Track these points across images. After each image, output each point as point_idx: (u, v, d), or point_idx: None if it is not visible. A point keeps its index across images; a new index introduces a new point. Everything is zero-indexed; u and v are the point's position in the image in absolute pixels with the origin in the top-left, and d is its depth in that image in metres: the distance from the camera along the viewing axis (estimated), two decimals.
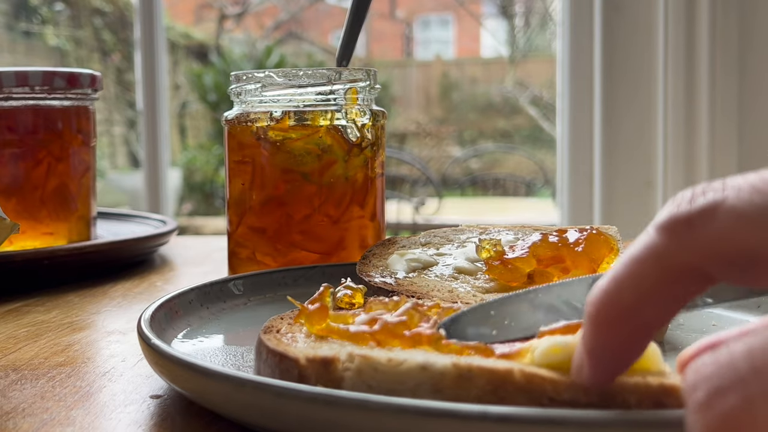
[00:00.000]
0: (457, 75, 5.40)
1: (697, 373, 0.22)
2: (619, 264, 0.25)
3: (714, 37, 1.70)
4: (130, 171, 4.48)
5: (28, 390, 0.39)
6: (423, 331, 0.33)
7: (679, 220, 0.24)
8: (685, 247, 0.24)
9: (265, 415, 0.30)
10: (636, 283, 0.25)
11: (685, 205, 0.24)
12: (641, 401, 0.28)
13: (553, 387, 0.29)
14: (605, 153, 1.80)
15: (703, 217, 0.23)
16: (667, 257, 0.24)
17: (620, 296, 0.25)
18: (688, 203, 0.24)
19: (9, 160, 0.71)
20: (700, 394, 0.21)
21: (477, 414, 0.26)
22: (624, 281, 0.25)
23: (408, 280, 0.49)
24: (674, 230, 0.24)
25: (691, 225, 0.23)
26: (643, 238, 0.25)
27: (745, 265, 0.23)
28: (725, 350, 0.22)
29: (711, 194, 0.23)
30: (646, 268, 0.24)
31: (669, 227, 0.24)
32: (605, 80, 1.78)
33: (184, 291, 0.48)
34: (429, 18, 6.31)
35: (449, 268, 0.51)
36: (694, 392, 0.22)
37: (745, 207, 0.22)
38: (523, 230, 0.56)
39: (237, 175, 0.60)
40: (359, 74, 0.59)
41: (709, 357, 0.22)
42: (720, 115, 1.71)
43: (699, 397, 0.21)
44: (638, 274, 0.25)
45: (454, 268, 0.51)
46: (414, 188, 4.44)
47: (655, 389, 0.28)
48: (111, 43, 4.53)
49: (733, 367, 0.21)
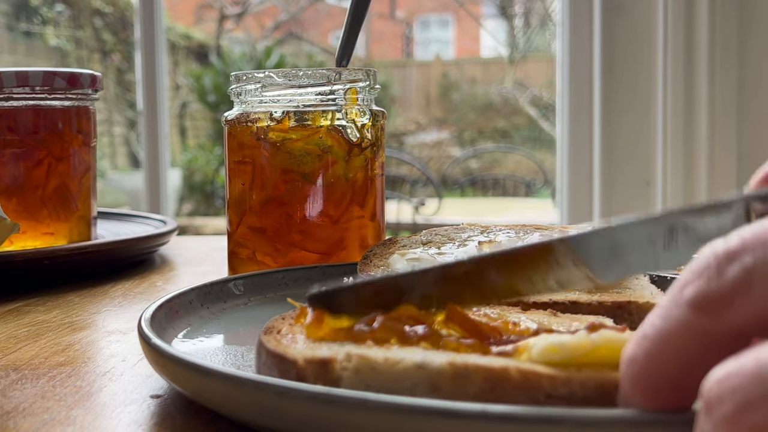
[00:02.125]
0: (456, 75, 5.40)
1: (721, 385, 0.21)
2: (655, 341, 0.25)
3: (713, 37, 1.70)
4: (130, 171, 4.48)
5: (28, 390, 0.39)
6: (421, 329, 0.33)
7: (715, 300, 0.23)
8: (728, 323, 0.23)
9: (265, 414, 0.30)
10: (679, 359, 0.24)
11: (715, 280, 0.23)
12: None
13: (550, 383, 0.29)
14: (605, 153, 1.80)
15: (740, 291, 0.23)
16: (710, 335, 0.24)
17: (664, 372, 0.25)
18: (717, 276, 0.23)
19: (9, 160, 0.71)
20: (727, 407, 0.21)
21: (477, 413, 0.26)
22: (665, 358, 0.24)
23: None
24: (713, 309, 0.23)
25: (730, 301, 0.23)
26: (675, 314, 0.24)
27: None
28: (751, 359, 0.21)
29: (737, 264, 0.23)
30: (689, 345, 0.24)
31: (706, 307, 0.23)
32: (605, 80, 1.78)
33: (184, 291, 0.48)
34: (429, 18, 6.32)
35: None
36: (720, 405, 0.21)
37: None
38: (523, 229, 0.56)
39: (237, 176, 0.61)
40: (359, 74, 0.59)
41: (733, 366, 0.21)
42: (719, 115, 1.72)
43: (726, 410, 0.21)
44: (681, 350, 0.24)
45: None
46: (414, 188, 4.44)
47: None
48: (111, 43, 4.54)
49: (760, 379, 0.20)
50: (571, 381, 0.29)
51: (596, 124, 1.81)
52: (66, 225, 0.74)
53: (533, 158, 4.84)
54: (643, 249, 0.32)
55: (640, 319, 0.43)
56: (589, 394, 0.28)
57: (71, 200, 0.74)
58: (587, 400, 0.28)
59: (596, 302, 0.44)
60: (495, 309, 0.40)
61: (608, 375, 0.29)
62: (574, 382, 0.29)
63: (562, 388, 0.29)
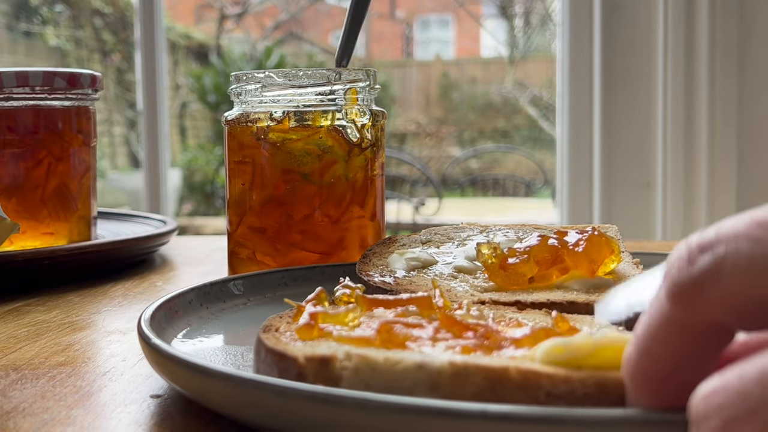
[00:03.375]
0: (456, 75, 5.40)
1: (707, 402, 0.21)
2: (642, 337, 0.25)
3: (714, 38, 1.70)
4: (130, 171, 4.48)
5: (28, 390, 0.39)
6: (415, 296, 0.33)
7: (687, 287, 0.24)
8: (700, 310, 0.24)
9: (265, 414, 0.30)
10: (667, 355, 0.25)
11: (686, 269, 0.24)
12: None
13: (550, 381, 0.29)
14: (605, 153, 1.80)
15: (709, 278, 0.23)
16: (686, 324, 0.24)
17: (657, 369, 0.25)
18: (688, 265, 0.24)
19: (9, 160, 0.71)
20: (714, 424, 0.21)
21: (477, 412, 0.26)
22: (654, 354, 0.25)
23: (407, 279, 0.49)
24: (685, 297, 0.24)
25: (700, 289, 0.23)
26: (657, 308, 0.25)
27: (757, 313, 0.23)
28: (735, 374, 0.21)
29: (709, 254, 0.23)
30: (672, 338, 0.25)
31: (679, 295, 0.24)
32: (605, 80, 1.78)
33: (184, 291, 0.48)
34: (429, 18, 6.32)
35: (449, 267, 0.51)
36: (707, 421, 0.21)
37: (747, 260, 0.22)
38: (523, 229, 0.56)
39: (237, 176, 0.61)
40: (359, 74, 0.59)
41: (718, 382, 0.21)
42: (719, 115, 1.72)
43: (714, 426, 0.21)
44: (666, 345, 0.25)
45: (453, 267, 0.51)
46: (414, 188, 4.44)
47: None
48: (111, 43, 4.54)
49: (745, 395, 0.21)
50: (570, 379, 0.29)
51: (596, 124, 1.81)
52: (66, 225, 0.74)
53: (533, 158, 4.84)
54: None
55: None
56: (589, 392, 0.29)
57: (71, 200, 0.74)
58: (588, 398, 0.29)
59: (593, 302, 0.44)
60: (492, 309, 0.41)
61: (608, 373, 0.29)
62: (574, 381, 0.29)
63: (562, 386, 0.29)
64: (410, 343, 0.33)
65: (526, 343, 0.32)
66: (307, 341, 0.34)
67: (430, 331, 0.34)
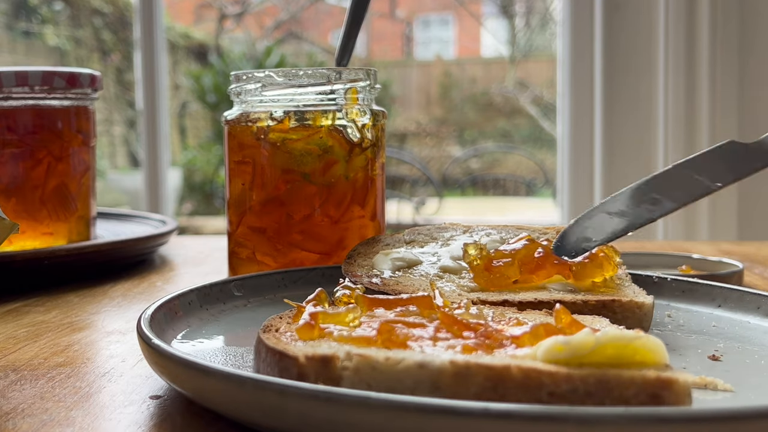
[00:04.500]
0: (457, 75, 5.40)
1: None
2: None
3: (714, 37, 1.69)
4: (130, 171, 4.48)
5: (27, 390, 0.39)
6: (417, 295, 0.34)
7: None
8: None
9: (266, 414, 0.30)
10: None
11: None
12: (638, 393, 0.28)
13: (551, 380, 0.29)
14: (605, 153, 1.80)
15: None
16: None
17: None
18: None
19: (9, 160, 0.71)
20: None
21: (479, 411, 0.26)
22: None
23: (393, 280, 0.49)
24: None
25: None
26: None
27: None
28: None
29: None
30: None
31: None
32: (605, 80, 1.78)
33: (183, 292, 0.48)
34: (429, 18, 6.31)
35: (434, 266, 0.51)
36: None
37: None
38: (506, 229, 0.56)
39: (237, 176, 0.60)
40: (359, 74, 0.59)
41: None
42: (720, 115, 1.71)
43: None
44: None
45: (439, 268, 0.51)
46: (414, 188, 4.44)
47: (652, 381, 0.29)
48: (111, 43, 4.53)
49: None
50: (572, 377, 0.29)
51: (597, 124, 1.81)
52: (65, 225, 0.74)
53: (534, 158, 4.84)
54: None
55: (624, 317, 0.43)
56: (591, 389, 0.29)
57: (71, 200, 0.74)
58: (589, 395, 0.29)
59: (581, 301, 0.44)
60: (491, 309, 0.41)
61: (609, 370, 0.29)
62: (576, 379, 0.29)
63: (563, 384, 0.29)
64: (411, 342, 0.33)
65: (526, 340, 0.32)
66: (307, 341, 0.34)
67: (430, 331, 0.34)
